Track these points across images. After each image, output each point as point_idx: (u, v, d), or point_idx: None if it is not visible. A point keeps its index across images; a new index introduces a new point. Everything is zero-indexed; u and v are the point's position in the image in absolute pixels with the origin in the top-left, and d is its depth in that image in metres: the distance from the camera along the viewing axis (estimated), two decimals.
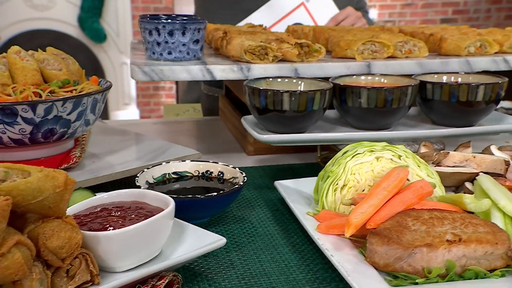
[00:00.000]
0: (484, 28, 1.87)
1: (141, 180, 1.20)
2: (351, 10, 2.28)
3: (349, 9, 2.28)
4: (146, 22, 1.51)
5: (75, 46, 7.12)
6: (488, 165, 1.21)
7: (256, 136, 1.34)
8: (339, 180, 1.13)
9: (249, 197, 1.35)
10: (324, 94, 1.33)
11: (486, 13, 7.48)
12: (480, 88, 1.36)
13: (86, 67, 4.84)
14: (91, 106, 1.25)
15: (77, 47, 7.13)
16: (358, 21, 2.27)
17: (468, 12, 7.52)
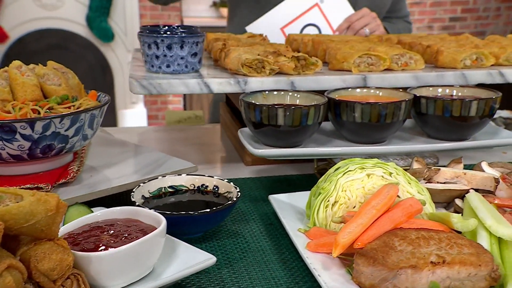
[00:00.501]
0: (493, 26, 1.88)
1: (136, 195, 1.22)
2: (366, 11, 2.27)
3: (364, 10, 2.28)
4: (145, 36, 1.53)
5: (83, 45, 7.17)
6: (479, 182, 1.23)
7: (251, 150, 1.36)
8: (330, 196, 1.15)
9: (244, 210, 1.37)
10: (319, 109, 1.35)
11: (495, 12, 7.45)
12: (473, 103, 1.38)
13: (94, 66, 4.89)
14: (89, 122, 1.28)
15: (85, 46, 7.17)
16: (373, 22, 2.27)
17: (478, 11, 7.49)
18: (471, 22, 7.54)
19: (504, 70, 1.61)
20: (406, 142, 1.46)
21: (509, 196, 1.15)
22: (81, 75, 5.35)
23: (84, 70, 7.36)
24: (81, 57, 7.27)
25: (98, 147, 1.54)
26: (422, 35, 2.09)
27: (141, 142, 1.96)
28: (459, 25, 7.55)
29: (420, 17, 7.47)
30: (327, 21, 2.22)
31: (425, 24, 7.61)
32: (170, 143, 1.95)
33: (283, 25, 2.21)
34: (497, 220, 1.05)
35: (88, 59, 7.29)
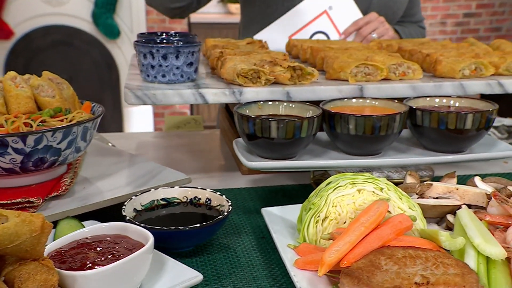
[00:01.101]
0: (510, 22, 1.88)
1: (128, 208, 1.25)
2: (373, 15, 2.29)
3: (372, 15, 2.29)
4: (141, 46, 1.55)
5: (89, 41, 7.21)
6: (471, 197, 1.24)
7: (244, 162, 1.38)
8: (321, 212, 1.17)
9: (237, 223, 1.39)
10: (312, 122, 1.37)
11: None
12: (469, 116, 1.39)
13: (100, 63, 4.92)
14: (82, 134, 1.31)
15: (91, 43, 7.22)
16: (381, 26, 2.29)
17: (493, 6, 7.47)
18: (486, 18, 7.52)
19: (503, 80, 1.62)
20: (401, 154, 1.48)
21: (501, 213, 1.17)
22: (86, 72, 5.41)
23: (90, 67, 7.41)
24: (87, 54, 7.31)
25: (93, 157, 1.56)
26: (424, 41, 2.10)
27: (138, 148, 1.99)
28: (474, 21, 7.53)
29: (432, 13, 7.45)
30: (336, 28, 2.24)
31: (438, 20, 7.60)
32: (167, 150, 1.97)
33: (292, 33, 2.23)
34: (485, 238, 1.06)
35: (94, 55, 7.33)
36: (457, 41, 7.53)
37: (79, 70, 7.54)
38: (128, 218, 1.19)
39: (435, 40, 2.20)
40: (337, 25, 2.25)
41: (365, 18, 2.24)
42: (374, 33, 2.24)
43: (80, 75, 7.60)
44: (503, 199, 1.16)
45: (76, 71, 7.53)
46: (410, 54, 1.87)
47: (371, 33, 2.24)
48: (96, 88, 7.53)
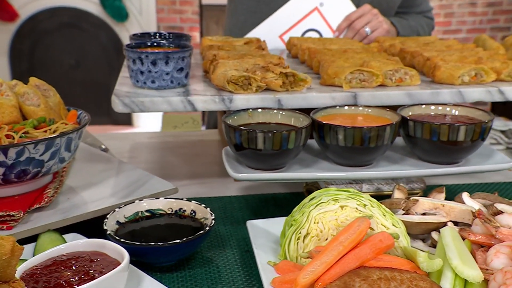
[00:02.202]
0: None
1: (110, 221, 1.31)
2: (366, 8, 2.33)
3: (365, 7, 2.33)
4: (130, 51, 1.61)
5: (96, 24, 7.30)
6: (457, 214, 1.29)
7: (231, 174, 1.44)
8: (302, 228, 1.23)
9: (222, 234, 1.45)
10: (300, 133, 1.42)
11: None
12: (462, 128, 1.44)
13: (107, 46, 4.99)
14: (66, 145, 1.37)
15: (98, 26, 7.30)
16: (374, 19, 2.32)
17: None
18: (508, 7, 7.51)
19: (504, 87, 1.66)
20: (394, 164, 1.52)
21: (484, 232, 1.21)
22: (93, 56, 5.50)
23: (97, 51, 7.50)
24: (94, 37, 7.40)
25: (81, 164, 1.63)
26: (430, 40, 2.14)
27: (132, 150, 2.06)
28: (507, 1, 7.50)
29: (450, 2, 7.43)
30: (328, 25, 2.28)
31: (467, 1, 7.57)
32: (161, 153, 2.04)
33: (282, 32, 2.28)
34: (463, 260, 1.11)
35: (101, 39, 7.42)
36: (488, 23, 7.50)
37: (86, 54, 7.63)
38: (108, 233, 1.25)
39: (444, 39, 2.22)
40: (329, 21, 2.29)
41: (358, 12, 2.28)
42: (367, 27, 2.27)
43: (87, 59, 7.70)
44: (486, 218, 1.20)
45: (83, 55, 7.63)
46: (411, 56, 1.91)
47: (364, 27, 2.28)
48: (104, 73, 7.63)
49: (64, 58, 7.73)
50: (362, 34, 2.28)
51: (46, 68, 7.79)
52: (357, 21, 2.27)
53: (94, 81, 7.75)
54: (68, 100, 5.76)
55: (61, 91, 5.56)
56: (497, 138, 2.05)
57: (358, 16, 2.28)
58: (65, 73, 7.78)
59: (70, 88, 7.80)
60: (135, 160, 1.97)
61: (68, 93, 7.74)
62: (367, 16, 2.28)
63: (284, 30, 2.29)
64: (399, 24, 2.43)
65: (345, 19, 2.29)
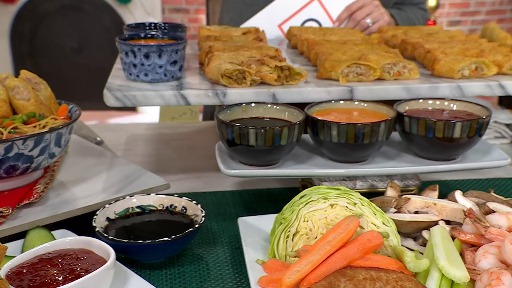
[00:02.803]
0: None
1: (99, 218, 1.36)
2: None
3: None
4: (122, 44, 1.65)
5: (99, 6, 7.34)
6: (448, 213, 1.33)
7: (223, 170, 1.48)
8: (291, 227, 1.27)
9: (214, 231, 1.50)
10: (293, 129, 1.46)
11: None
12: (457, 124, 1.47)
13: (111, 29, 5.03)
14: (55, 140, 1.42)
15: (101, 8, 7.34)
16: (375, 10, 2.35)
17: None
18: None
19: (504, 82, 1.68)
20: (389, 160, 1.56)
21: (474, 231, 1.25)
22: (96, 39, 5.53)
23: (100, 34, 7.54)
24: (97, 20, 7.44)
25: (74, 157, 1.68)
26: (434, 30, 2.16)
27: (128, 143, 2.10)
28: None
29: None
30: (328, 15, 2.31)
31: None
32: (158, 145, 2.08)
33: (281, 22, 2.31)
34: (451, 260, 1.15)
35: (104, 21, 7.45)
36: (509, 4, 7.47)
37: (89, 37, 7.67)
38: (97, 230, 1.30)
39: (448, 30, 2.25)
40: (329, 11, 2.32)
41: (359, 2, 2.31)
42: (369, 18, 2.30)
43: (90, 42, 7.74)
44: (476, 218, 1.24)
45: (85, 38, 7.67)
46: (413, 47, 1.95)
47: (365, 18, 2.31)
48: (107, 57, 7.66)
49: (66, 41, 7.78)
50: (363, 25, 2.31)
51: (48, 52, 7.84)
52: (358, 12, 2.30)
53: (97, 65, 7.79)
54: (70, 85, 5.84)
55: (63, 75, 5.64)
56: (501, 132, 2.08)
57: (359, 7, 2.31)
58: (67, 57, 7.83)
59: (73, 72, 7.86)
60: (130, 153, 2.01)
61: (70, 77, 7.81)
62: (368, 7, 2.31)
63: (283, 19, 2.32)
64: (398, 16, 2.46)
65: (345, 9, 2.32)
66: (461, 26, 7.56)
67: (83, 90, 7.56)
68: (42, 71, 7.84)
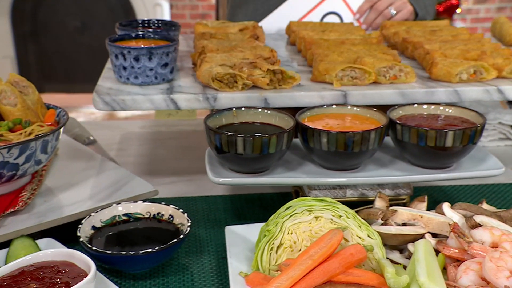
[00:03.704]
0: None
1: (84, 227, 1.43)
2: None
3: None
4: (112, 46, 1.72)
5: None
6: (435, 226, 1.39)
7: (211, 178, 1.55)
8: (275, 239, 1.34)
9: (202, 238, 1.57)
10: (282, 138, 1.52)
11: None
12: (449, 134, 1.53)
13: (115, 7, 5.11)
14: (41, 148, 1.49)
15: None
16: (397, 1, 2.41)
17: None
18: None
19: (503, 86, 1.74)
20: (381, 168, 1.62)
21: (459, 246, 1.31)
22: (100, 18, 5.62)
23: (104, 12, 7.61)
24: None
25: (63, 161, 1.76)
26: (438, 27, 2.22)
27: (122, 141, 2.18)
28: None
29: None
30: (348, 7, 2.37)
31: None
32: (152, 145, 2.16)
33: (301, 16, 2.37)
34: (431, 276, 1.21)
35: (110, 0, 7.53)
36: None
37: (93, 16, 7.75)
38: (81, 240, 1.38)
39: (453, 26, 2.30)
40: (349, 3, 2.38)
41: None
42: (392, 8, 2.36)
43: (94, 21, 7.82)
44: (460, 233, 1.30)
45: (89, 16, 7.75)
46: (413, 47, 2.00)
47: (388, 8, 2.36)
48: None
49: (69, 20, 7.85)
50: (387, 16, 2.37)
51: (50, 31, 7.93)
52: (380, 2, 2.36)
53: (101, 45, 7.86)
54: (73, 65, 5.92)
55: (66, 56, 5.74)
56: (506, 133, 2.13)
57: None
58: (70, 37, 7.91)
59: (76, 52, 7.94)
60: (123, 153, 2.09)
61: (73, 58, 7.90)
62: None
63: (302, 14, 2.38)
64: (416, 4, 2.50)
65: (366, 0, 2.37)
66: (489, 5, 7.56)
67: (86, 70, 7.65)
68: (44, 51, 7.94)
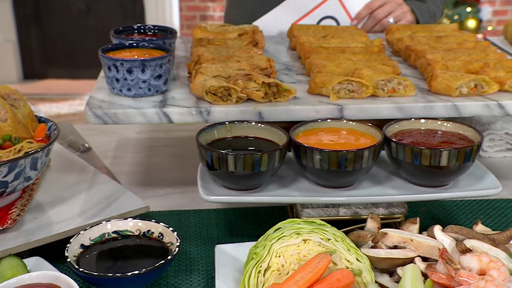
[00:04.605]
0: None
1: (73, 246, 1.51)
2: None
3: None
4: (104, 58, 1.79)
5: None
6: (425, 250, 1.46)
7: (202, 196, 1.62)
8: (263, 262, 1.41)
9: (192, 256, 1.65)
10: (273, 156, 1.59)
11: None
12: (444, 153, 1.59)
13: None
14: (31, 165, 1.57)
15: None
16: (398, 9, 2.46)
17: None
18: None
19: (504, 101, 1.79)
20: (376, 185, 1.69)
21: (446, 272, 1.38)
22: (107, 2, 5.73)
23: None
24: None
25: (54, 174, 1.84)
26: (444, 33, 2.27)
27: (117, 148, 2.26)
28: None
29: None
30: (347, 12, 2.42)
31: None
32: (149, 152, 2.24)
33: (297, 18, 2.42)
34: None
35: None
36: None
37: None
38: (68, 261, 1.45)
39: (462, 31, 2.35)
40: (348, 8, 2.43)
41: (380, 0, 2.41)
42: (390, 17, 2.41)
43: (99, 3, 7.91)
44: (448, 259, 1.37)
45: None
46: (416, 56, 2.06)
47: (386, 17, 2.41)
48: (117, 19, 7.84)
49: (73, 1, 7.95)
50: (384, 25, 2.42)
51: (53, 13, 8.02)
52: (379, 10, 2.40)
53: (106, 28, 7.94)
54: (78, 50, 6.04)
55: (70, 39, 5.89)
56: (510, 143, 2.19)
57: (381, 4, 2.41)
58: (74, 19, 8.00)
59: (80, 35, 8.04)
60: (118, 161, 2.17)
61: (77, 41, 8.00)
62: (391, 4, 2.41)
63: (298, 17, 2.44)
64: (419, 12, 2.55)
65: (365, 7, 2.42)
66: None
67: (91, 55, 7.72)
68: (47, 34, 8.03)
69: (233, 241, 1.69)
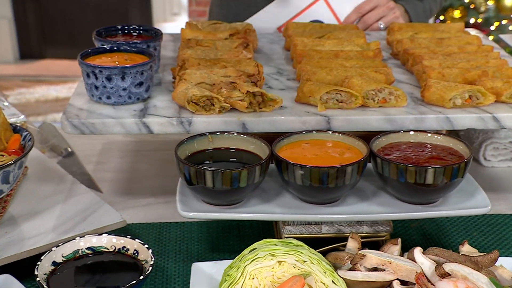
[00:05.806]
0: None
1: (44, 264, 1.59)
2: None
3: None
4: (83, 64, 1.88)
5: None
6: (403, 273, 1.54)
7: (180, 212, 1.70)
8: (236, 284, 1.50)
9: (170, 273, 1.74)
10: (253, 172, 1.68)
11: None
12: (429, 171, 1.67)
13: None
14: (2, 178, 1.66)
15: None
16: (389, 14, 2.52)
17: None
18: None
19: (499, 114, 1.85)
20: (361, 202, 1.77)
21: None
22: None
23: None
24: None
25: (31, 184, 1.93)
26: (447, 34, 2.34)
27: (102, 153, 2.35)
28: None
29: None
30: (335, 15, 2.48)
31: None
32: (134, 158, 2.33)
33: (283, 22, 2.49)
34: None
35: None
36: None
37: None
38: (38, 280, 1.55)
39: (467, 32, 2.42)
40: (336, 11, 2.49)
41: (371, 3, 2.46)
42: (381, 22, 2.47)
43: None
44: (423, 284, 1.46)
45: None
46: (414, 61, 2.13)
47: (377, 22, 2.47)
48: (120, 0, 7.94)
49: None
50: (375, 29, 2.47)
51: None
52: (369, 14, 2.46)
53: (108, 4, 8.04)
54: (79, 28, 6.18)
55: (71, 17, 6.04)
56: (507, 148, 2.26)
57: (371, 8, 2.46)
58: None
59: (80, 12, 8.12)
60: (101, 167, 2.26)
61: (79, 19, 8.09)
62: (382, 9, 2.46)
63: (284, 21, 2.51)
64: (413, 12, 2.60)
65: (355, 10, 2.48)
66: None
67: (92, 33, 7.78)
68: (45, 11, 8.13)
69: (214, 257, 1.77)
